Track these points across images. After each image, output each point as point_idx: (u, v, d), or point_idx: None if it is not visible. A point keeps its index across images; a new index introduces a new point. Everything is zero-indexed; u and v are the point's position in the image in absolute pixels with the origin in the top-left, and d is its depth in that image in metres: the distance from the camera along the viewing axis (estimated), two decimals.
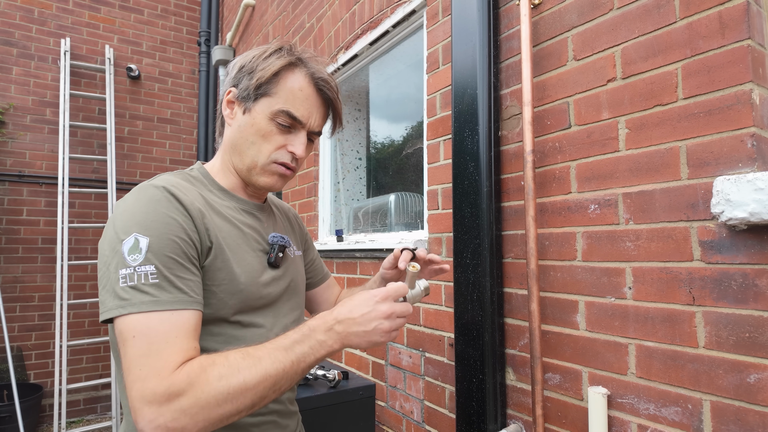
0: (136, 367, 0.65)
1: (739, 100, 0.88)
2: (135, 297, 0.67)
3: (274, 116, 0.85)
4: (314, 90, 0.88)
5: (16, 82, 3.79)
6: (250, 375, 0.68)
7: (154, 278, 0.68)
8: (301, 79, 0.87)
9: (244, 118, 0.87)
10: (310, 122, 0.88)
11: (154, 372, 0.64)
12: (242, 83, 0.87)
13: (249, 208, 0.92)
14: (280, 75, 0.86)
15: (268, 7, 3.36)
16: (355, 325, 0.75)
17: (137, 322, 0.67)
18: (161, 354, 0.66)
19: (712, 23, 0.93)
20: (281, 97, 0.85)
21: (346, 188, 2.65)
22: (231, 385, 0.67)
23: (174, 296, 0.69)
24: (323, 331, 0.75)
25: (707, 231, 0.92)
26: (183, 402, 0.64)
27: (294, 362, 0.72)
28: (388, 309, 0.76)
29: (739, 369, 0.86)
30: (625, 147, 1.07)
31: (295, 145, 0.87)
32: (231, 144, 0.89)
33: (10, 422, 3.20)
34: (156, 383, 0.64)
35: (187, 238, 0.73)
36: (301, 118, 0.86)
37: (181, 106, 4.49)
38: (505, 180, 1.38)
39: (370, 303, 0.76)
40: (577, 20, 1.19)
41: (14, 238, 3.72)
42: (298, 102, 0.86)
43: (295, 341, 0.74)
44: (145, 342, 0.66)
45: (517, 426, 1.31)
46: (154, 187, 0.75)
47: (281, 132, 0.86)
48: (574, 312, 1.16)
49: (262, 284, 0.86)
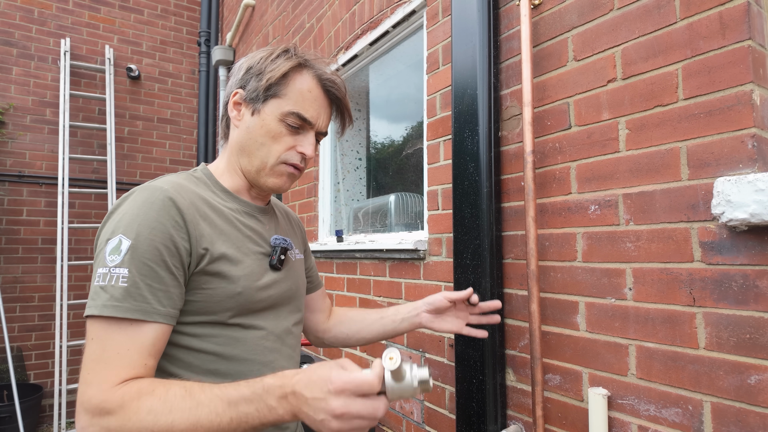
0: (86, 370, 0.67)
1: (739, 100, 0.88)
2: (101, 298, 0.69)
3: (284, 117, 0.85)
4: (322, 91, 0.89)
5: (16, 82, 3.79)
6: (180, 419, 0.63)
7: (124, 282, 0.69)
8: (309, 80, 0.88)
9: (252, 119, 0.87)
10: (319, 123, 0.89)
11: (97, 381, 0.66)
12: (250, 84, 0.87)
13: (251, 210, 0.92)
14: (289, 76, 0.86)
15: (268, 7, 3.36)
16: (306, 406, 0.62)
17: (98, 326, 0.68)
18: (109, 364, 0.67)
19: (712, 24, 0.93)
20: (291, 98, 0.86)
21: (346, 188, 2.65)
22: (158, 423, 0.63)
23: (138, 305, 0.69)
24: (277, 397, 0.64)
25: (708, 232, 0.92)
26: (111, 422, 0.64)
27: (233, 420, 0.64)
28: (340, 408, 0.59)
29: (739, 370, 0.86)
30: (625, 148, 1.07)
31: (305, 146, 0.88)
32: (238, 145, 0.89)
33: (10, 422, 3.20)
34: (94, 393, 0.65)
35: (173, 246, 0.73)
36: (310, 119, 0.87)
37: (181, 107, 4.49)
38: (505, 180, 1.37)
39: (323, 388, 0.61)
40: (578, 21, 1.19)
41: (14, 239, 3.72)
42: (307, 103, 0.87)
43: (243, 397, 0.65)
44: (100, 348, 0.68)
45: (517, 427, 1.31)
46: (153, 189, 0.76)
47: (290, 133, 0.87)
48: (574, 313, 1.16)
49: (262, 287, 0.85)
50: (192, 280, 0.77)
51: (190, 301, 0.77)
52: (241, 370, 0.82)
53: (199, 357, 0.79)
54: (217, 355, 0.80)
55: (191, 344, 0.78)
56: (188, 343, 0.78)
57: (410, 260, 1.76)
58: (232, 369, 0.81)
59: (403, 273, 1.80)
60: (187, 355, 0.78)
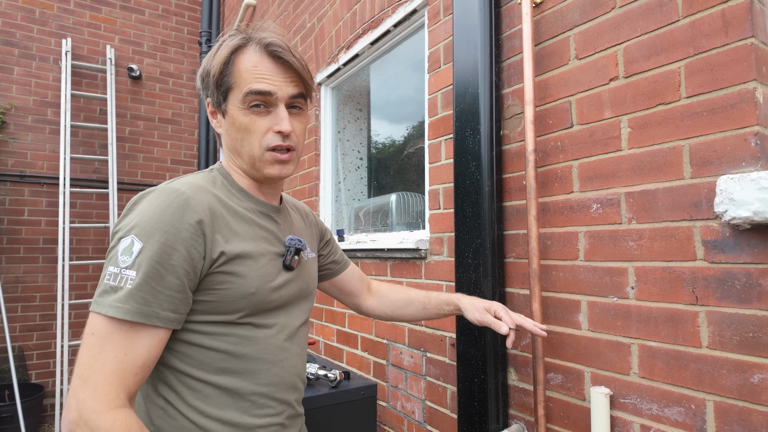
0: (84, 364, 0.69)
1: (742, 98, 0.88)
2: (109, 298, 0.70)
3: (244, 103, 0.83)
4: (270, 59, 0.84)
5: (18, 82, 3.79)
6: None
7: (131, 284, 0.70)
8: (252, 54, 0.84)
9: (225, 120, 0.87)
10: (280, 91, 0.84)
11: (93, 384, 0.67)
12: (209, 89, 0.87)
13: (266, 210, 0.92)
14: (231, 62, 0.84)
15: (269, 6, 3.36)
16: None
17: (100, 322, 0.70)
18: (106, 367, 0.68)
19: (715, 21, 0.92)
20: (241, 81, 0.83)
21: (347, 188, 2.65)
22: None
23: (139, 308, 0.70)
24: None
25: (710, 230, 0.91)
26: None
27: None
28: None
29: (742, 369, 0.86)
30: (627, 146, 1.07)
31: (278, 122, 0.84)
32: (229, 149, 0.90)
33: (12, 422, 3.20)
34: (88, 396, 0.67)
35: (185, 251, 0.73)
36: (267, 89, 0.83)
37: (182, 106, 4.48)
38: (507, 179, 1.37)
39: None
40: (579, 19, 1.18)
41: (15, 239, 3.72)
42: (258, 76, 0.83)
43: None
44: (99, 345, 0.69)
45: (519, 426, 1.30)
46: (171, 191, 0.76)
47: (260, 115, 0.84)
48: (576, 312, 1.16)
49: (275, 288, 0.86)
50: (206, 280, 0.77)
51: (204, 300, 0.78)
52: (252, 369, 0.83)
53: (210, 355, 0.79)
54: (228, 354, 0.80)
55: (203, 342, 0.79)
56: (200, 341, 0.79)
57: (412, 259, 1.76)
58: (242, 367, 0.82)
59: (405, 272, 1.80)
60: (198, 352, 0.79)
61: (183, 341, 0.78)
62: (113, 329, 0.69)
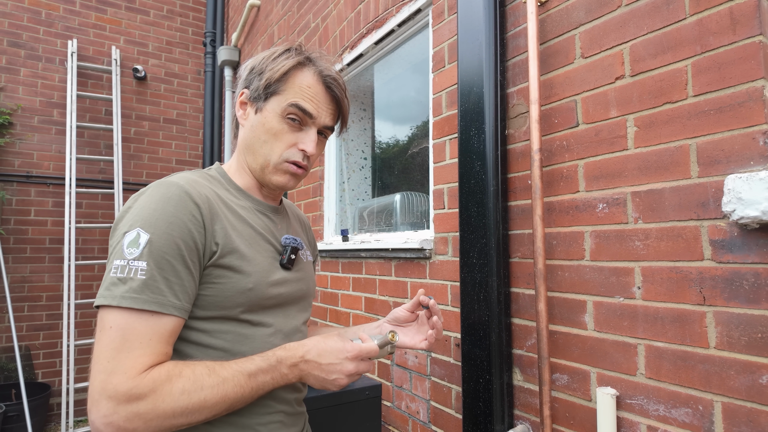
0: (105, 358, 0.67)
1: (750, 97, 0.87)
2: (119, 290, 0.69)
3: (284, 112, 0.87)
4: (323, 87, 0.90)
5: (24, 83, 3.82)
6: (211, 395, 0.71)
7: (143, 274, 0.70)
8: (310, 76, 0.89)
9: (256, 117, 0.89)
10: (320, 117, 0.90)
11: (122, 369, 0.66)
12: (253, 84, 0.89)
13: (263, 209, 0.93)
14: (289, 74, 0.88)
15: (273, 7, 3.37)
16: (319, 370, 0.80)
17: (117, 315, 0.69)
18: (133, 353, 0.68)
19: (722, 19, 0.92)
20: (290, 93, 0.87)
21: (351, 188, 2.65)
22: (192, 401, 0.70)
23: (155, 297, 0.70)
24: (288, 366, 0.79)
25: (718, 230, 0.91)
26: (141, 406, 0.66)
27: (254, 389, 0.76)
28: (354, 369, 0.80)
29: (751, 370, 0.85)
30: (633, 145, 1.06)
31: (306, 143, 0.88)
32: (245, 144, 0.91)
33: (19, 421, 3.23)
34: (121, 381, 0.66)
35: (190, 241, 0.74)
36: (310, 110, 0.87)
37: (187, 107, 4.50)
38: (512, 179, 1.37)
39: (340, 356, 0.80)
40: (585, 17, 1.18)
41: (22, 239, 3.75)
42: (306, 97, 0.88)
43: (261, 369, 0.77)
44: (120, 336, 0.68)
45: (525, 427, 1.30)
46: (170, 184, 0.77)
47: (292, 130, 0.88)
48: (582, 312, 1.15)
49: (272, 284, 0.86)
50: (204, 273, 0.78)
51: (202, 295, 0.78)
52: None
53: (208, 353, 0.80)
54: (225, 352, 0.80)
55: (200, 340, 0.79)
56: (197, 339, 0.79)
57: (416, 259, 1.76)
58: None
59: (409, 272, 1.80)
60: (195, 351, 0.79)
61: (180, 339, 0.78)
62: (133, 319, 0.69)
